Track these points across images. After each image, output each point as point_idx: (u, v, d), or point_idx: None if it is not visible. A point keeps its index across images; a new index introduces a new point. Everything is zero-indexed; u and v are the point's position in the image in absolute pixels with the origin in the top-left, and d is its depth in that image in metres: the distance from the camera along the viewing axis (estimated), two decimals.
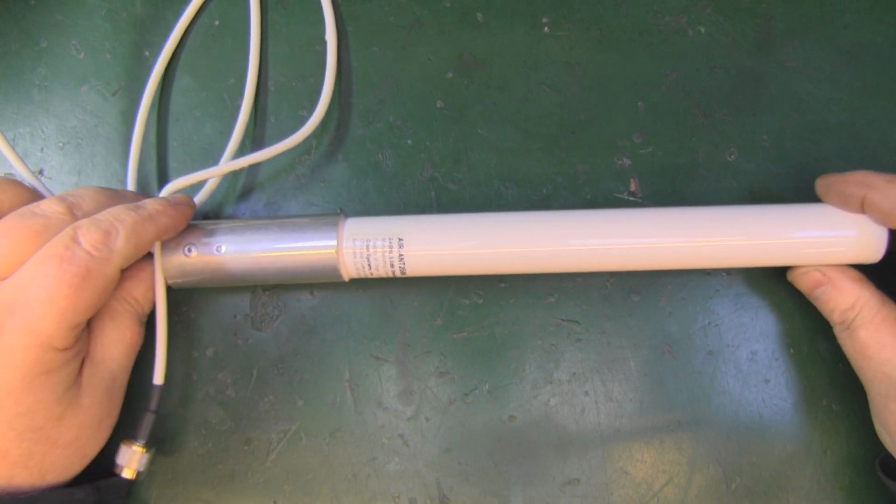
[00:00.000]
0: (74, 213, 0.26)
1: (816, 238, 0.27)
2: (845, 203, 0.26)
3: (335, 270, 0.28)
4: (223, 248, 0.27)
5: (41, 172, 0.32)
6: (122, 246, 0.25)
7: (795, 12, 0.32)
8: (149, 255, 0.28)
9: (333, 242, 0.27)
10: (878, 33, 0.32)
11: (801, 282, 0.28)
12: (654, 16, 0.32)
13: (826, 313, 0.28)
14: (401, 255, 0.27)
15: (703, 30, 0.32)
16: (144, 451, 0.28)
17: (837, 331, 0.28)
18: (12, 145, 0.32)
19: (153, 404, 0.29)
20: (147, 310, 0.29)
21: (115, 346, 0.27)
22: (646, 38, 0.32)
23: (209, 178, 0.29)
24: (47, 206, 0.25)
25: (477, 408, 0.30)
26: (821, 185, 0.27)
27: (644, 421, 0.30)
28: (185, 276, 0.28)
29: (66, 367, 0.25)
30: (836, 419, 0.29)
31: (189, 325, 0.30)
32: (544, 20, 0.32)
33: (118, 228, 0.25)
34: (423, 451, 0.30)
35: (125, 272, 0.28)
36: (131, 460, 0.28)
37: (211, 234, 0.28)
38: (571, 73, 0.32)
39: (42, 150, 0.32)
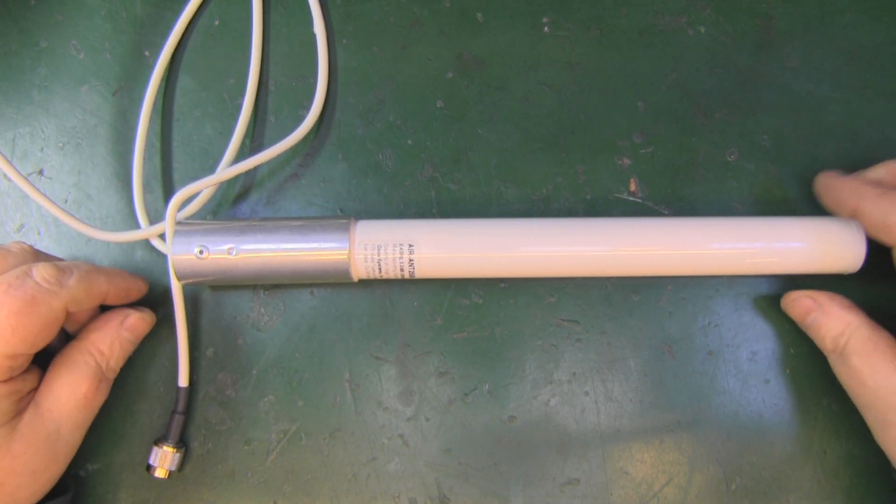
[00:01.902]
0: (36, 255, 0.27)
1: (798, 248, 0.28)
2: (838, 208, 0.27)
3: (346, 273, 0.28)
4: (234, 251, 0.27)
5: (41, 172, 0.32)
6: (73, 285, 0.25)
7: (795, 12, 0.32)
8: (118, 310, 0.29)
9: (346, 246, 0.27)
10: (878, 33, 0.32)
11: (793, 309, 0.29)
12: (654, 16, 0.32)
13: (818, 341, 0.28)
14: (411, 259, 0.27)
15: (703, 30, 0.32)
16: (175, 451, 0.29)
17: (831, 360, 0.28)
18: (12, 145, 0.32)
19: (180, 406, 0.29)
20: (113, 365, 0.28)
21: (66, 397, 0.26)
22: (646, 38, 0.32)
23: (211, 185, 0.29)
24: (13, 243, 0.27)
25: (477, 408, 0.30)
26: (819, 184, 0.28)
27: (644, 421, 0.30)
28: (196, 276, 0.28)
29: None
30: (836, 419, 0.29)
31: (189, 325, 0.30)
32: (544, 20, 0.32)
33: (73, 270, 0.26)
34: (423, 451, 0.30)
35: (91, 324, 0.28)
36: (163, 461, 0.29)
37: (222, 235, 0.28)
38: (571, 73, 0.32)
39: (42, 150, 0.32)
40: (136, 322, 0.29)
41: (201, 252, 0.27)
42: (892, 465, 0.26)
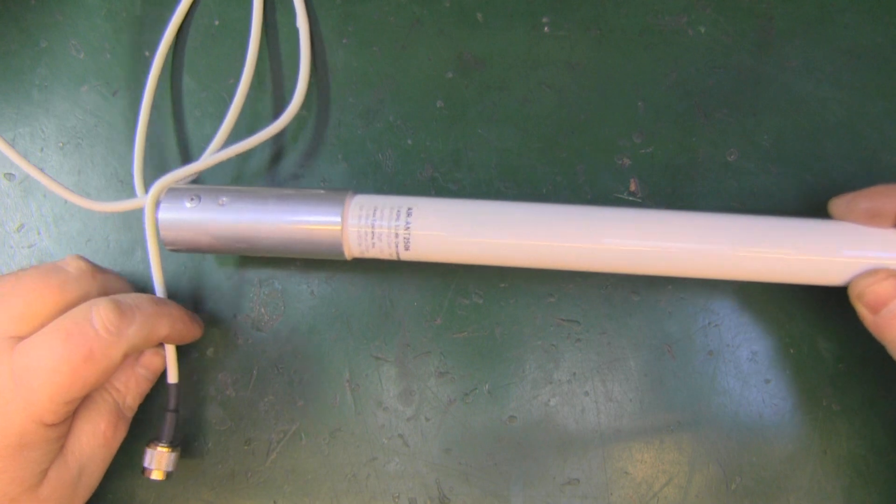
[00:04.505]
0: (95, 275, 0.26)
1: (841, 258, 0.25)
2: (875, 219, 0.24)
3: (337, 243, 0.26)
4: (224, 199, 0.27)
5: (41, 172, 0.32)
6: (133, 333, 0.24)
7: (795, 12, 0.32)
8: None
9: (339, 210, 0.26)
10: (878, 33, 0.32)
11: (868, 295, 0.24)
12: (654, 16, 0.32)
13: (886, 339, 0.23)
14: (407, 224, 0.26)
15: (703, 30, 0.32)
16: (170, 451, 0.28)
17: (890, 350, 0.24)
18: (12, 145, 0.32)
19: (172, 403, 0.29)
20: (130, 403, 0.28)
21: (86, 436, 0.26)
22: (646, 38, 0.32)
23: (192, 173, 0.29)
24: (71, 261, 0.26)
25: (477, 408, 0.30)
26: (839, 204, 0.25)
27: (644, 421, 0.30)
28: (181, 230, 0.27)
29: (46, 446, 0.24)
30: (836, 419, 0.29)
31: None
32: (544, 20, 0.32)
33: (135, 314, 0.25)
34: (423, 451, 0.30)
35: None
36: (159, 462, 0.28)
37: (217, 191, 0.27)
38: (571, 73, 0.32)
39: (42, 150, 0.32)
40: (151, 358, 0.28)
41: (192, 199, 0.27)
42: None
